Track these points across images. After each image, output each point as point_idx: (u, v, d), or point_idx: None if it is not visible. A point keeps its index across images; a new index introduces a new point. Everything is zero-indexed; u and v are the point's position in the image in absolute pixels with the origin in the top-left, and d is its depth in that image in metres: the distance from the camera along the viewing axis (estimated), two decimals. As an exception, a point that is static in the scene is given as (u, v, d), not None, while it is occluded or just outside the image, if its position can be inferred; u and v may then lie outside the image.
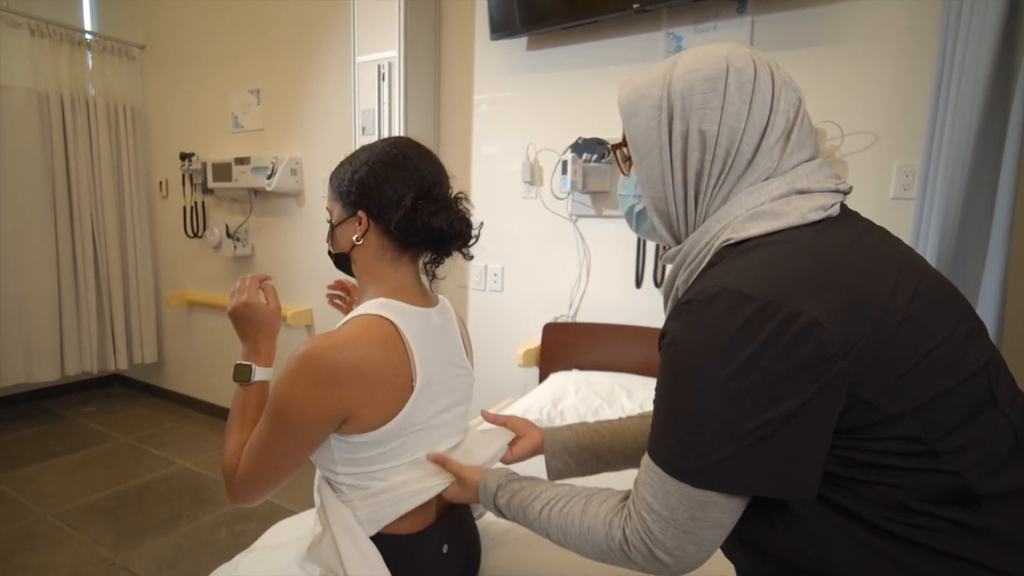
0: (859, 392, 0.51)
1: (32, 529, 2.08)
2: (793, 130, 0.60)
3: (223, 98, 2.94)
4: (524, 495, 0.74)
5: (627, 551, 0.61)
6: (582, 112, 1.99)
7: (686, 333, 0.55)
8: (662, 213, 0.66)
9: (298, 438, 0.74)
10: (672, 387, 0.57)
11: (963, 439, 0.52)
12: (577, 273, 2.06)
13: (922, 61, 1.48)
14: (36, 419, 3.13)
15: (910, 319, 0.52)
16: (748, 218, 0.58)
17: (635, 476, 0.63)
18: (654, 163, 0.63)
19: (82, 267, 3.12)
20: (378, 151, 0.84)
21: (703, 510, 0.55)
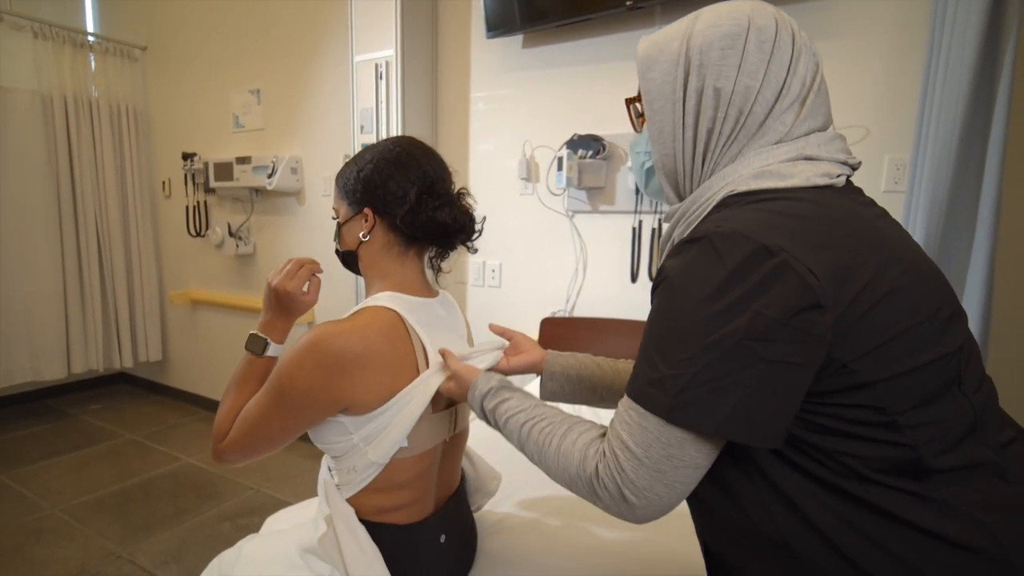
0: (838, 353, 0.52)
1: (40, 524, 2.12)
2: (809, 95, 0.59)
3: (224, 98, 2.97)
4: (510, 404, 0.73)
5: (596, 488, 0.60)
6: (577, 109, 2.01)
7: (682, 270, 0.55)
8: (669, 170, 0.65)
9: (298, 417, 0.77)
10: (660, 322, 0.57)
11: (925, 416, 0.53)
12: (574, 268, 2.08)
13: (912, 56, 1.50)
14: (43, 417, 3.17)
15: (898, 291, 0.53)
16: (754, 176, 0.58)
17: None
18: (666, 118, 0.62)
19: (87, 267, 3.16)
20: (382, 149, 0.87)
21: (680, 448, 0.55)
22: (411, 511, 0.86)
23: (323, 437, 0.82)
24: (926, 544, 0.52)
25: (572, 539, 1.06)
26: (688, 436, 0.55)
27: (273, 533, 0.98)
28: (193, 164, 3.02)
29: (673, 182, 0.66)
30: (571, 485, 0.64)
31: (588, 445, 0.63)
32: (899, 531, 0.53)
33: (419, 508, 0.87)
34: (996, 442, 0.57)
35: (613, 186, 1.96)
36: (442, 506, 0.92)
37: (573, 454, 0.63)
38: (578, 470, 0.62)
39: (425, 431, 0.84)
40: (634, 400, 0.58)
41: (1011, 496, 0.54)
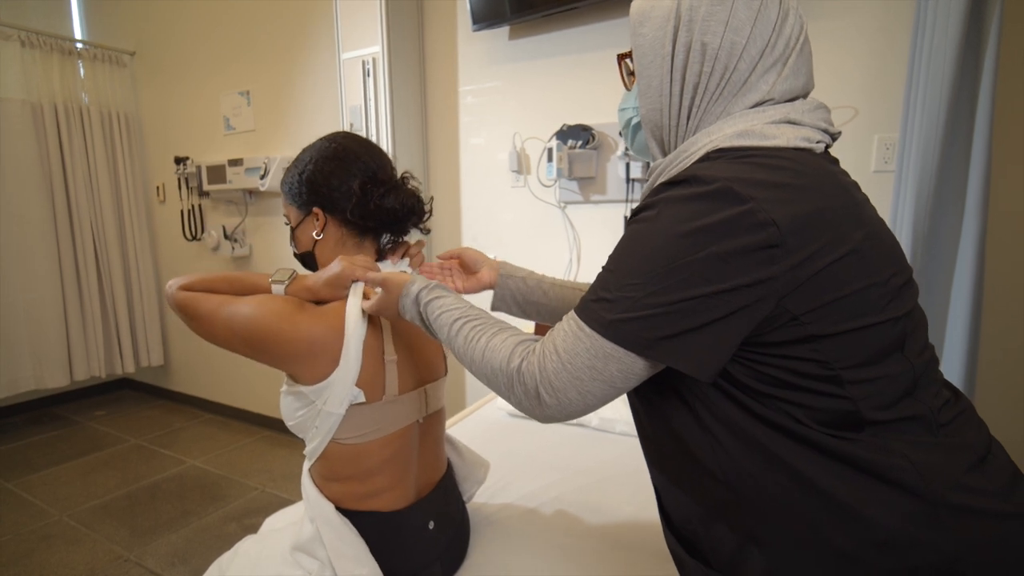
0: (790, 305, 0.54)
1: (48, 530, 2.14)
2: (792, 55, 0.61)
3: (214, 101, 2.96)
4: (446, 302, 0.74)
5: (515, 381, 0.62)
6: (565, 99, 2.00)
7: (658, 206, 0.58)
8: (655, 125, 0.67)
9: (248, 348, 0.81)
10: (622, 249, 0.60)
11: (866, 374, 0.56)
12: (567, 259, 2.08)
13: (899, 34, 1.49)
14: (48, 425, 3.19)
15: (858, 252, 0.55)
16: (737, 135, 0.60)
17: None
18: (655, 73, 0.64)
19: (85, 274, 3.17)
20: (319, 148, 0.88)
21: (604, 362, 0.57)
22: (392, 496, 0.87)
23: (289, 413, 0.84)
24: (855, 478, 0.55)
25: (566, 529, 1.07)
26: (616, 353, 0.57)
27: (268, 532, 0.99)
28: (186, 168, 3.02)
29: (658, 137, 0.68)
30: (491, 377, 0.66)
31: (517, 344, 0.65)
32: (830, 466, 0.56)
33: (400, 493, 0.88)
34: (931, 403, 0.59)
35: (604, 176, 1.95)
36: (429, 492, 0.93)
37: (501, 349, 0.65)
38: (501, 363, 0.64)
39: (392, 413, 0.85)
40: (576, 313, 0.61)
41: (938, 445, 0.57)
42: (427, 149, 2.34)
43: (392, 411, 0.85)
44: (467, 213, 2.29)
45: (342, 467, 0.84)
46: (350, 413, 0.81)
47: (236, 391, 3.23)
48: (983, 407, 1.48)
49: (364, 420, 0.82)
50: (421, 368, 0.91)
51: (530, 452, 1.46)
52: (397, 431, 0.86)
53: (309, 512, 0.84)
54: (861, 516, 0.54)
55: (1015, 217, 1.45)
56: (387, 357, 0.84)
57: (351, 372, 0.79)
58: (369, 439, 0.83)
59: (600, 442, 1.55)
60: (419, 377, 0.91)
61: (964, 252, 1.28)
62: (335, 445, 0.83)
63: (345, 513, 0.84)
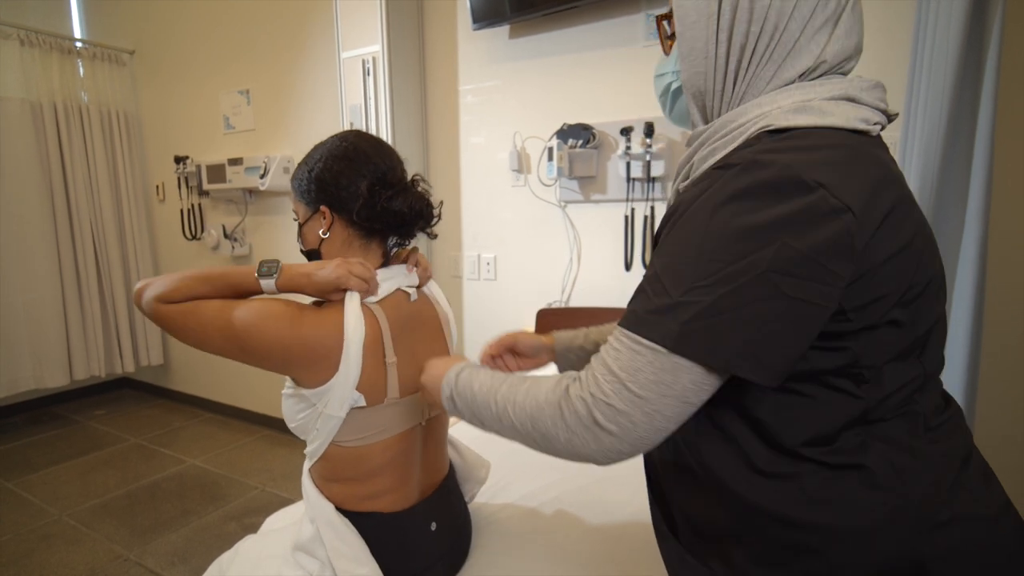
0: (843, 300, 0.51)
1: (48, 529, 2.14)
2: (843, 14, 0.57)
3: (214, 100, 2.96)
4: (485, 373, 0.68)
5: (563, 409, 0.55)
6: (566, 98, 2.00)
7: (712, 196, 0.52)
8: (698, 91, 0.62)
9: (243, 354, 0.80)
10: (677, 247, 0.54)
11: (884, 375, 0.55)
12: (568, 259, 2.08)
13: (900, 34, 1.48)
14: (48, 424, 3.19)
15: (911, 248, 0.53)
16: (794, 109, 0.55)
17: None
18: (699, 34, 0.60)
19: (84, 273, 3.16)
20: (330, 147, 0.87)
21: (673, 375, 0.51)
22: (394, 498, 0.87)
23: (290, 415, 0.84)
24: (835, 478, 0.55)
25: (568, 529, 1.07)
26: (686, 365, 0.51)
27: (268, 532, 0.99)
28: (186, 167, 3.02)
29: (700, 103, 0.63)
30: (536, 417, 0.58)
31: (564, 376, 0.60)
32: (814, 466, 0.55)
33: (403, 495, 0.88)
34: (928, 405, 0.59)
35: (604, 175, 1.95)
36: (430, 494, 0.93)
37: (546, 382, 0.60)
38: (547, 394, 0.58)
39: (393, 415, 0.85)
40: (629, 328, 0.54)
41: (921, 442, 0.56)
42: (427, 148, 2.34)
43: (393, 414, 0.85)
44: (467, 212, 2.29)
45: (343, 468, 0.84)
46: (351, 416, 0.81)
47: (236, 390, 3.22)
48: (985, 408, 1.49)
49: (365, 423, 0.82)
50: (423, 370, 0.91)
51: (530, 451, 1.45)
52: (399, 434, 0.86)
53: (309, 512, 0.84)
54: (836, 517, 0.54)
55: (1017, 218, 1.45)
56: (388, 360, 0.83)
57: (351, 376, 0.78)
58: (371, 442, 0.83)
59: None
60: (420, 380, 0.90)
61: (966, 253, 1.27)
62: (336, 447, 0.83)
63: (346, 514, 0.84)
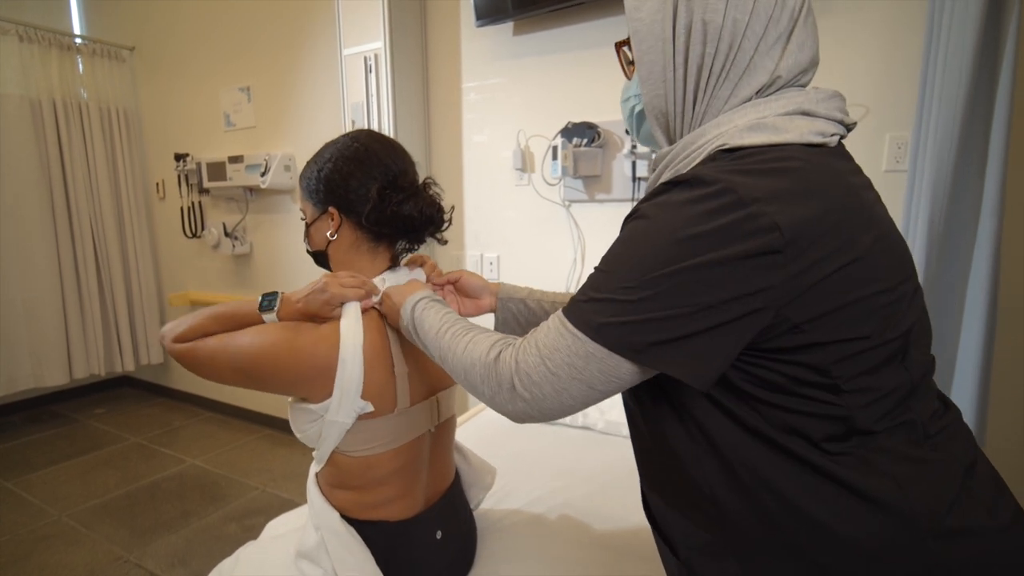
0: (790, 313, 0.52)
1: (48, 530, 2.13)
2: (796, 28, 0.58)
3: (214, 97, 2.93)
4: (440, 308, 0.74)
5: (491, 370, 0.61)
6: (570, 96, 1.97)
7: (655, 205, 0.56)
8: (660, 112, 0.64)
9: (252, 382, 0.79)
10: (617, 249, 0.57)
11: (864, 383, 0.54)
12: (572, 258, 2.06)
13: (911, 30, 1.46)
14: (47, 423, 3.18)
15: (866, 258, 0.53)
16: (748, 128, 0.57)
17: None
18: (656, 58, 0.61)
19: (84, 271, 3.14)
20: (341, 147, 0.85)
21: (585, 361, 0.55)
22: (401, 506, 0.85)
23: (298, 426, 0.82)
24: (834, 495, 0.54)
25: (574, 537, 1.05)
26: (599, 353, 0.55)
27: (270, 539, 0.97)
28: (186, 165, 2.99)
29: (664, 125, 0.65)
30: (468, 370, 0.64)
31: (500, 339, 0.65)
32: (811, 481, 0.55)
33: (409, 503, 0.86)
34: (922, 412, 0.58)
35: (609, 174, 1.93)
36: (436, 501, 0.91)
37: (483, 342, 0.65)
38: (481, 354, 0.63)
39: (403, 424, 0.83)
40: (563, 312, 0.59)
41: (924, 460, 0.55)
42: (430, 146, 2.32)
43: (404, 423, 0.83)
44: (470, 211, 2.27)
45: (350, 477, 0.82)
46: (360, 427, 0.79)
47: (236, 389, 3.20)
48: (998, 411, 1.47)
49: (375, 433, 0.80)
50: (432, 376, 0.89)
51: (536, 455, 1.44)
52: (408, 442, 0.84)
53: (314, 520, 0.83)
54: (840, 535, 0.53)
55: (1029, 218, 1.43)
56: (397, 369, 0.81)
57: (353, 384, 0.76)
58: (380, 451, 0.81)
59: (606, 445, 1.53)
60: (430, 386, 0.88)
61: (980, 254, 1.25)
62: (345, 456, 0.81)
63: (351, 522, 0.82)
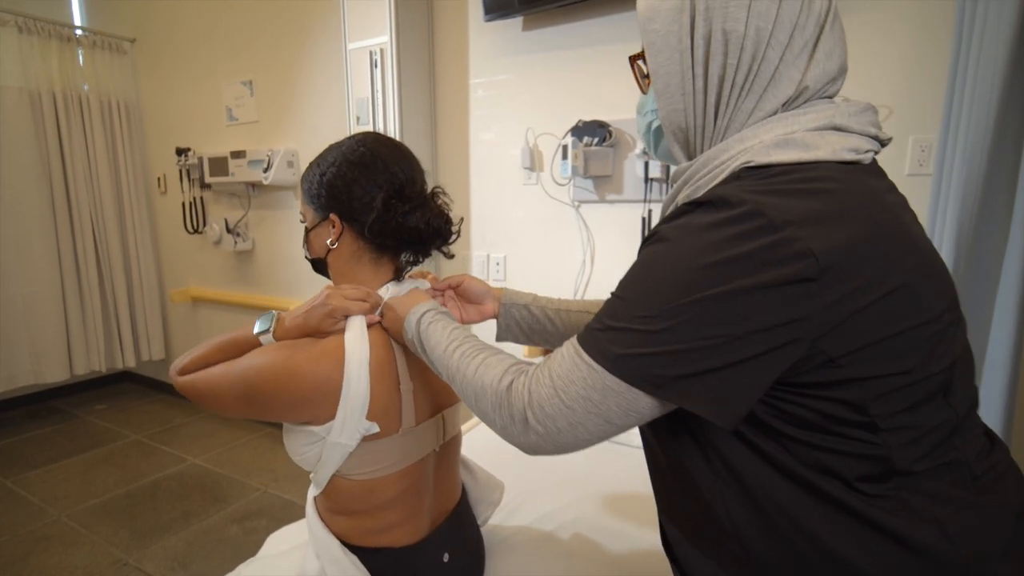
0: (825, 347, 0.48)
1: (46, 531, 2.10)
2: (822, 34, 0.54)
3: (216, 90, 2.88)
4: (448, 324, 0.71)
5: (503, 397, 0.57)
6: (581, 94, 1.92)
7: (678, 227, 0.52)
8: (678, 128, 0.60)
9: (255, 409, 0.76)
10: (637, 274, 0.54)
11: (905, 420, 0.50)
12: (581, 260, 2.01)
13: (937, 28, 1.40)
14: (48, 419, 3.15)
15: (908, 286, 0.49)
16: (775, 144, 0.53)
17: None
18: (673, 71, 0.57)
19: (84, 266, 3.11)
20: (345, 151, 0.80)
21: (602, 395, 0.52)
22: (405, 531, 0.81)
23: (295, 449, 0.78)
24: (873, 541, 0.50)
25: (585, 554, 1.01)
26: (617, 387, 0.51)
27: (271, 557, 0.93)
28: (187, 159, 2.95)
29: (683, 141, 0.61)
30: (479, 396, 0.61)
31: (513, 364, 0.61)
32: (847, 524, 0.50)
33: (414, 527, 0.82)
34: (968, 450, 0.54)
35: (621, 174, 1.88)
36: (443, 522, 0.87)
37: (496, 367, 0.61)
38: (493, 381, 0.60)
39: (409, 445, 0.79)
40: (579, 341, 0.55)
41: (971, 503, 0.52)
42: (436, 144, 2.27)
43: (408, 443, 0.79)
44: (476, 211, 2.22)
45: (351, 501, 0.78)
46: (363, 449, 0.75)
47: (238, 387, 3.17)
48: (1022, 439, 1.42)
49: (379, 455, 0.76)
50: (438, 393, 0.85)
51: (545, 465, 1.40)
52: (413, 464, 0.80)
53: (314, 547, 0.79)
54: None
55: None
56: (403, 387, 0.77)
57: (359, 403, 0.72)
58: (383, 474, 0.77)
59: (619, 456, 1.49)
60: (436, 403, 0.84)
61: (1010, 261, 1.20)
62: (345, 480, 0.77)
63: (354, 550, 0.78)
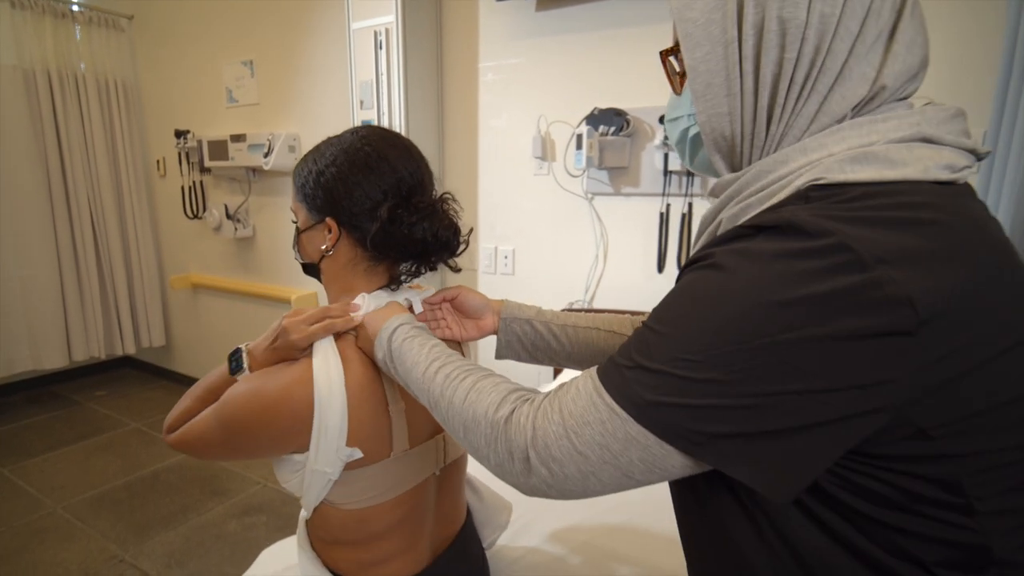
0: (916, 416, 0.39)
1: (42, 523, 2.06)
2: (901, 21, 0.44)
3: (216, 70, 2.78)
4: (426, 342, 0.61)
5: (500, 429, 0.48)
6: (598, 79, 1.81)
7: (736, 253, 0.43)
8: (720, 136, 0.50)
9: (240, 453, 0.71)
10: (676, 308, 0.45)
11: (1008, 502, 0.41)
12: (593, 255, 1.92)
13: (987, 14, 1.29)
14: (47, 404, 3.11)
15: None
16: (852, 158, 0.43)
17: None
18: (716, 67, 0.48)
19: (82, 250, 3.04)
20: (347, 147, 0.71)
21: (623, 445, 0.44)
22: (405, 561, 0.74)
23: (281, 475, 0.71)
24: None
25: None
26: (643, 439, 0.43)
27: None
28: (186, 142, 2.86)
29: (727, 151, 0.51)
30: (469, 426, 0.51)
31: (512, 391, 0.52)
32: None
33: (414, 557, 0.75)
34: None
35: (638, 166, 1.78)
36: (446, 549, 0.80)
37: (491, 392, 0.52)
38: (487, 409, 0.51)
39: (402, 470, 0.71)
40: (600, 377, 0.47)
41: None
42: (443, 130, 2.17)
43: (402, 468, 0.71)
44: (484, 201, 2.13)
45: (343, 532, 0.71)
46: (351, 476, 0.67)
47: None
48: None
49: (369, 483, 0.69)
50: None
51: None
52: (410, 490, 0.73)
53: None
54: None
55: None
56: (392, 407, 0.69)
57: (333, 429, 0.64)
58: (376, 503, 0.70)
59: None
60: (434, 423, 0.75)
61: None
62: (335, 509, 0.70)
63: None
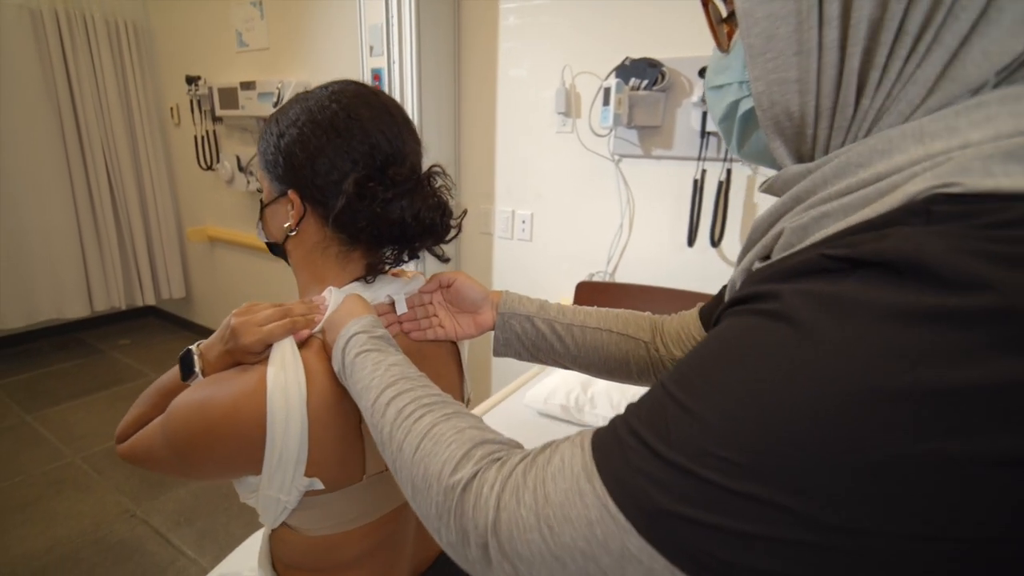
0: None
1: (60, 473, 2.10)
2: None
3: (224, 11, 2.62)
4: (384, 360, 0.50)
5: (455, 501, 0.37)
6: (631, 25, 1.60)
7: (822, 310, 0.29)
8: (785, 111, 0.35)
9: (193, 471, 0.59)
10: (727, 373, 0.30)
11: None
12: (618, 224, 1.76)
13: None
14: (73, 351, 3.17)
15: None
16: (1007, 154, 0.28)
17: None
18: (781, 13, 0.33)
19: (98, 200, 3.00)
20: (313, 104, 0.58)
21: (616, 561, 0.31)
22: None
23: (240, 493, 0.61)
24: None
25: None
26: (644, 557, 0.30)
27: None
28: (198, 89, 2.74)
29: (793, 134, 0.36)
30: (419, 487, 0.40)
31: (481, 443, 0.40)
32: None
33: None
34: None
35: (672, 125, 1.59)
36: (425, 570, 0.72)
37: (450, 443, 0.40)
38: (444, 467, 0.39)
39: (376, 495, 0.61)
40: (594, 455, 0.34)
41: None
42: (458, 78, 1.99)
43: (377, 493, 0.61)
44: (501, 159, 1.96)
45: (306, 559, 0.63)
46: (315, 502, 0.57)
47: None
48: None
49: (335, 508, 0.59)
50: None
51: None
52: (385, 515, 0.63)
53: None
54: None
55: None
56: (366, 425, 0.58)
57: (289, 462, 0.53)
58: (345, 529, 0.60)
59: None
60: None
61: None
62: (297, 535, 0.61)
63: None
